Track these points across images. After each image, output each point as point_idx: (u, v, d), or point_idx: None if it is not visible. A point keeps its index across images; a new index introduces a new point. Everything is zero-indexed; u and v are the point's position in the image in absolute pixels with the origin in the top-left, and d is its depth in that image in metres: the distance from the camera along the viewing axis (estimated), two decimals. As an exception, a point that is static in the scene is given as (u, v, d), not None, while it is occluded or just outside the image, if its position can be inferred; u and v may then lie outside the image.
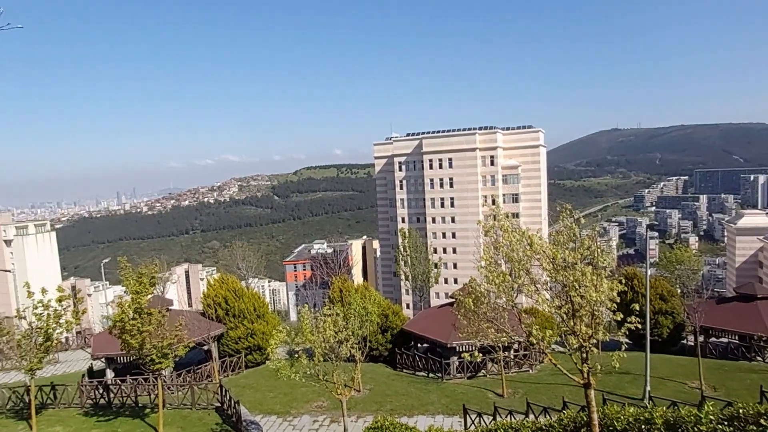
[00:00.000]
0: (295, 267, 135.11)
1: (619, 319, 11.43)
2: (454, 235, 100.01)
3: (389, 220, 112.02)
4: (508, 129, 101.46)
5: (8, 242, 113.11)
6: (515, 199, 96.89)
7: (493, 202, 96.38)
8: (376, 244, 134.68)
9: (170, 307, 33.19)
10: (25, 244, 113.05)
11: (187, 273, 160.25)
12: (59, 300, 21.02)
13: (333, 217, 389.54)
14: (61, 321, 21.17)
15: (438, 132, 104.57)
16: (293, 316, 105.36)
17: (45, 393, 27.21)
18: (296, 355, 18.25)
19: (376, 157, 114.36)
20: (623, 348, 11.85)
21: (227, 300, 34.01)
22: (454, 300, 30.97)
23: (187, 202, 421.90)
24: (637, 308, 12.03)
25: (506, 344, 22.64)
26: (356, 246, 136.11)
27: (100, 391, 27.11)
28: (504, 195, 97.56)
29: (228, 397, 24.08)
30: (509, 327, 15.30)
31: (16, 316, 21.48)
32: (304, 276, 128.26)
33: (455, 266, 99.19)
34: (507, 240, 12.17)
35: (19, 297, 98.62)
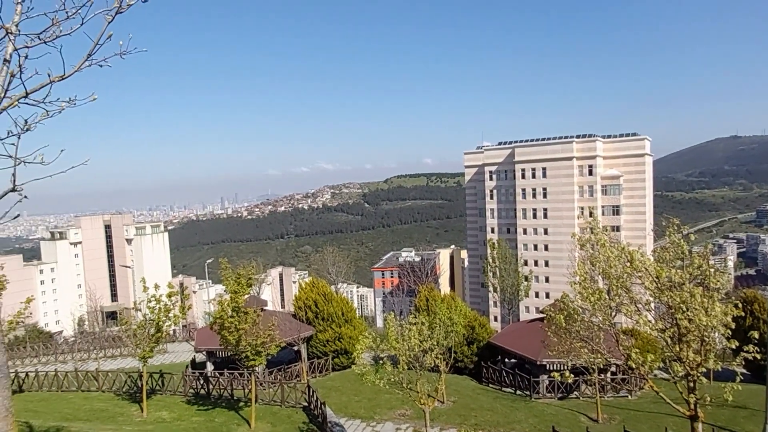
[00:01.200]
0: (382, 274, 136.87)
1: (734, 346, 10.23)
2: (546, 248, 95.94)
3: (478, 230, 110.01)
4: (608, 137, 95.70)
5: (129, 241, 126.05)
6: (616, 211, 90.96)
7: (590, 215, 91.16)
8: (463, 253, 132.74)
9: (264, 308, 34.97)
10: (143, 243, 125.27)
11: (281, 275, 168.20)
12: (169, 295, 22.94)
13: (421, 225, 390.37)
14: (170, 315, 23.10)
15: (531, 140, 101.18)
16: (379, 323, 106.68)
17: (154, 380, 29.77)
18: (381, 362, 18.37)
19: (467, 166, 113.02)
20: (738, 379, 10.58)
21: (317, 303, 35.15)
22: (544, 315, 29.60)
23: (283, 208, 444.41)
24: (757, 336, 10.68)
25: (602, 366, 21.17)
26: (444, 255, 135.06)
27: (201, 382, 29.15)
28: (603, 207, 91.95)
29: (315, 398, 24.79)
30: (605, 348, 14.27)
31: (133, 308, 23.78)
32: (392, 283, 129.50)
33: (547, 280, 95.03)
34: (604, 255, 11.38)
35: (136, 291, 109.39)
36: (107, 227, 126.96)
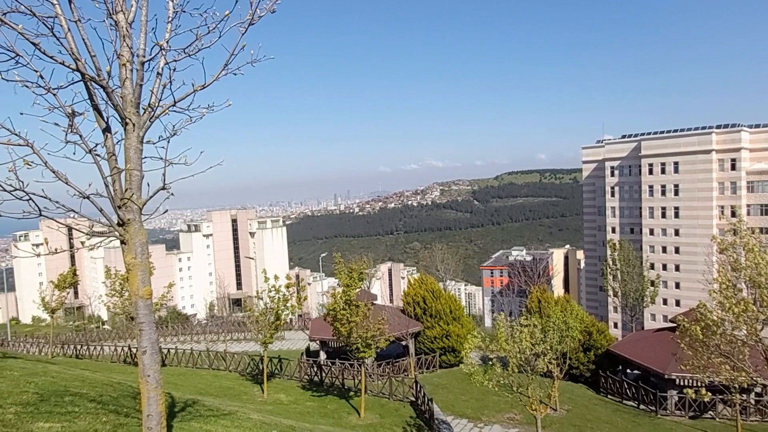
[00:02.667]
0: (492, 273, 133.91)
1: None
2: (677, 250, 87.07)
3: (596, 229, 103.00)
4: (756, 126, 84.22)
5: (252, 234, 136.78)
6: (765, 211, 79.92)
7: (733, 214, 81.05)
8: (580, 254, 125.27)
9: (374, 302, 35.90)
10: (264, 237, 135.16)
11: (389, 271, 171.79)
12: (287, 286, 24.48)
13: (533, 223, 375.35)
14: (288, 304, 24.65)
15: (660, 132, 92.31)
16: (488, 322, 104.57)
17: (274, 364, 32.00)
18: (490, 363, 17.97)
19: (584, 162, 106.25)
20: None
21: (425, 300, 35.33)
22: (675, 325, 26.91)
23: (392, 205, 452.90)
24: None
25: (745, 386, 18.75)
26: (557, 255, 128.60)
27: (315, 369, 30.75)
28: (749, 206, 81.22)
29: (422, 393, 24.96)
30: (750, 365, 12.60)
31: (255, 297, 25.74)
32: (501, 282, 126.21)
33: (677, 286, 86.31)
34: (751, 261, 10.04)
35: (258, 281, 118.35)
36: (233, 221, 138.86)
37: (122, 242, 5.20)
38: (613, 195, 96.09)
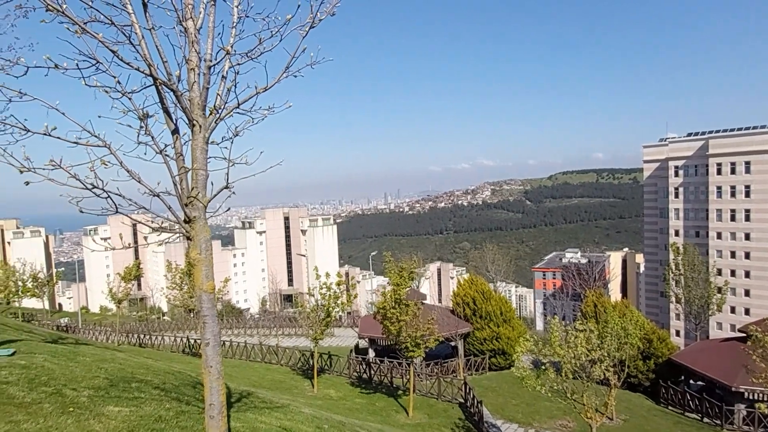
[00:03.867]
0: (544, 275, 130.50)
1: None
2: (747, 256, 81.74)
3: (658, 232, 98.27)
4: (840, 123, 77.77)
5: (303, 232, 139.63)
6: None
7: (810, 218, 75.27)
8: (639, 258, 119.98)
9: (423, 301, 35.83)
10: (315, 235, 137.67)
11: (438, 271, 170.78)
12: (338, 284, 24.86)
13: (589, 225, 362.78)
14: (338, 302, 25.02)
15: (730, 130, 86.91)
16: (539, 325, 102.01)
17: (323, 360, 32.56)
18: (543, 367, 17.54)
19: (646, 161, 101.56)
20: None
21: (475, 301, 34.92)
22: (745, 335, 25.34)
23: (442, 204, 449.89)
24: None
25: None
26: (615, 258, 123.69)
27: (364, 366, 31.04)
28: (828, 209, 75.24)
29: (472, 395, 24.70)
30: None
31: (307, 293, 26.29)
32: (554, 285, 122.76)
33: (747, 293, 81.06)
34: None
35: (309, 278, 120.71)
36: (286, 219, 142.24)
37: (188, 238, 5.45)
38: (676, 196, 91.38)
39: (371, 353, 35.23)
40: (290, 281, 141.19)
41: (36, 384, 8.92)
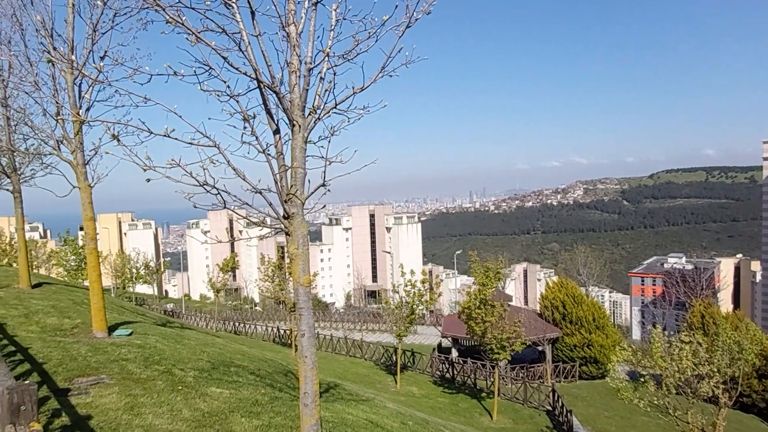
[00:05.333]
0: (642, 280, 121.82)
1: None
2: None
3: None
4: None
5: (388, 229, 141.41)
6: None
7: None
8: (755, 265, 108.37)
9: (510, 303, 34.92)
10: (399, 232, 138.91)
11: (525, 272, 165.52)
12: (422, 282, 24.91)
13: (696, 228, 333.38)
14: (422, 299, 25.07)
15: None
16: (635, 334, 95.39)
17: (406, 357, 32.78)
18: (641, 379, 16.38)
19: (766, 158, 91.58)
20: None
21: (565, 305, 33.44)
22: None
23: (530, 203, 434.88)
24: None
25: None
26: (726, 265, 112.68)
27: (447, 366, 30.86)
28: None
29: (560, 404, 23.70)
30: None
31: (392, 290, 26.62)
32: (653, 292, 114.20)
33: None
34: None
35: (394, 275, 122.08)
36: (371, 216, 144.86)
37: (286, 234, 5.72)
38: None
39: (454, 353, 34.94)
40: (374, 277, 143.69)
41: (150, 362, 9.82)
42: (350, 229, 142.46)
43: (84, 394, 7.50)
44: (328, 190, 6.08)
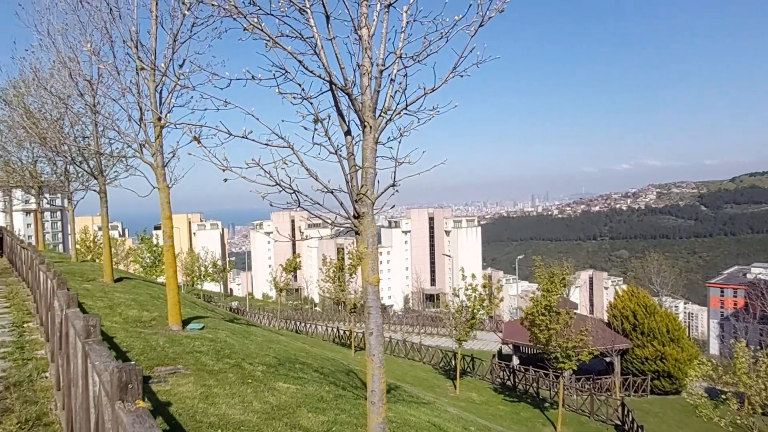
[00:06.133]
0: (722, 291, 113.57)
1: None
2: None
3: None
4: None
5: (447, 233, 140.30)
6: None
7: None
8: None
9: (575, 311, 33.65)
10: (458, 236, 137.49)
11: (590, 279, 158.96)
12: (484, 286, 24.51)
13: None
14: (483, 304, 24.65)
15: None
16: (713, 348, 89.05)
17: (466, 362, 32.34)
18: (723, 397, 15.27)
19: None
20: None
21: (636, 315, 31.79)
22: None
23: (597, 208, 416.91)
24: None
25: None
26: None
27: (508, 373, 30.14)
28: None
29: (631, 418, 22.55)
30: None
31: (452, 294, 26.37)
32: (734, 304, 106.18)
33: None
34: None
35: (453, 278, 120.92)
36: (430, 219, 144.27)
37: (356, 233, 5.81)
38: None
39: (515, 360, 34.11)
40: (432, 281, 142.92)
41: (221, 356, 10.26)
42: (409, 232, 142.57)
43: (163, 382, 7.95)
44: (397, 191, 6.13)
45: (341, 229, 6.10)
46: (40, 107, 21.54)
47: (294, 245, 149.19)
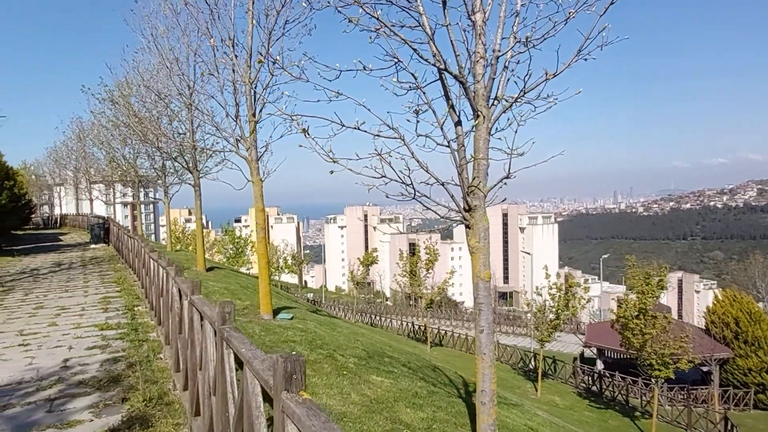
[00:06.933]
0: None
1: None
2: None
3: None
4: None
5: (522, 229, 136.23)
6: None
7: None
8: None
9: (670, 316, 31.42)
10: (534, 233, 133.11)
11: (680, 282, 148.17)
12: (569, 286, 23.43)
13: None
14: (568, 305, 23.56)
15: None
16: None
17: (547, 364, 31.15)
18: None
19: None
20: None
21: (738, 322, 29.15)
22: None
23: (688, 205, 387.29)
24: None
25: None
26: None
27: (594, 378, 28.70)
28: None
29: (734, 435, 20.72)
30: None
31: (535, 293, 25.44)
32: None
33: None
34: None
35: (531, 276, 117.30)
36: (504, 215, 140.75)
37: (467, 227, 5.61)
38: None
39: (599, 364, 32.42)
40: (506, 278, 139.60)
41: (314, 346, 10.45)
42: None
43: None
44: (504, 184, 5.86)
45: (452, 222, 5.92)
46: (142, 106, 23.17)
47: (366, 239, 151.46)
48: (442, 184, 5.52)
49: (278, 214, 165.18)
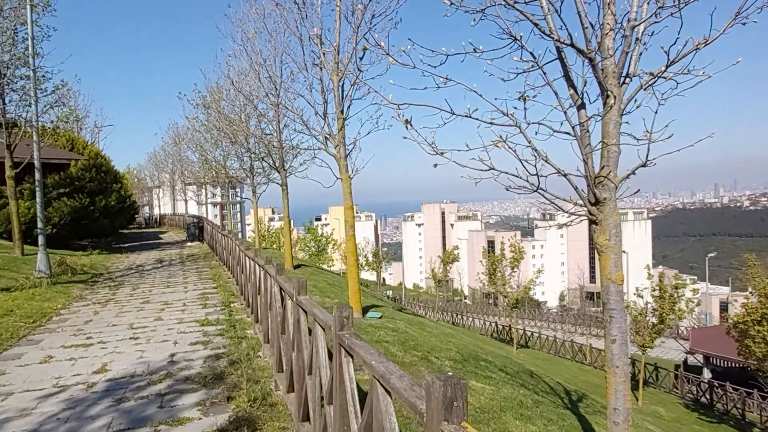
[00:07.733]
0: None
1: None
2: None
3: None
4: None
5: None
6: None
7: None
8: None
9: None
10: (625, 229, 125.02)
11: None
12: (675, 287, 21.43)
13: None
14: (674, 308, 21.55)
15: None
16: None
17: (648, 371, 28.87)
18: None
19: None
20: None
21: None
22: None
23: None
24: None
25: None
26: None
27: (702, 388, 26.21)
28: None
29: None
30: None
31: (635, 294, 23.52)
32: None
33: None
34: None
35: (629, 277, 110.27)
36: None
37: (594, 222, 4.98)
38: None
39: (706, 373, 29.65)
40: (592, 278, 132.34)
41: (407, 347, 10.11)
42: (565, 225, 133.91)
43: (360, 371, 7.95)
44: (632, 174, 5.14)
45: (577, 218, 5.30)
46: (231, 110, 24.13)
47: (444, 237, 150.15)
48: (564, 176, 4.92)
49: (357, 213, 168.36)
